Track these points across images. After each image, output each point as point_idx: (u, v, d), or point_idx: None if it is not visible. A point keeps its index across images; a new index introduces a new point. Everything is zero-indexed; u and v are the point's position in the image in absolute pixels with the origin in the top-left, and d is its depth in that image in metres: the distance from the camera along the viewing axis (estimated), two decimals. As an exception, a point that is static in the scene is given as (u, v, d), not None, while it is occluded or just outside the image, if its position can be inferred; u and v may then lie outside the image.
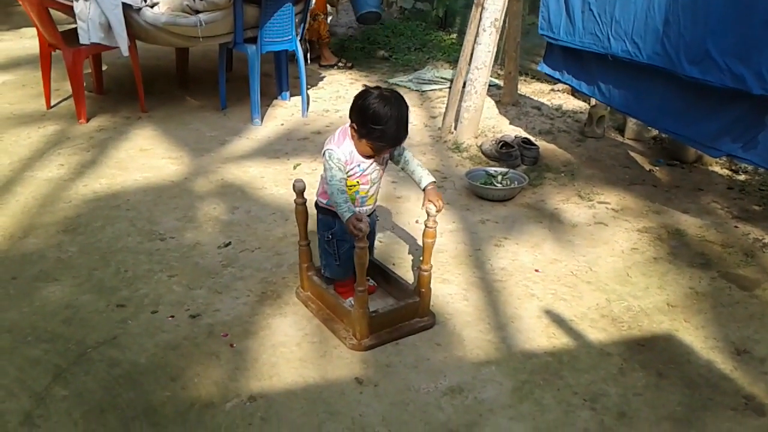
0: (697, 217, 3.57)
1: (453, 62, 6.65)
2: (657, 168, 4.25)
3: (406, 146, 2.49)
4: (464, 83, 4.48)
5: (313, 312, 2.67)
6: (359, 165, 2.44)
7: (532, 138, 4.46)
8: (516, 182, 3.81)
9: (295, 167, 4.15)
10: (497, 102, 5.32)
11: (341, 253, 2.61)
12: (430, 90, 5.79)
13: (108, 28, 4.42)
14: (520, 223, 3.48)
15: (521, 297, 2.83)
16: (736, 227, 3.46)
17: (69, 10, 4.56)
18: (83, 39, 4.45)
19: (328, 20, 6.55)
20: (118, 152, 4.27)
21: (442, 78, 6.10)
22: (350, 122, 2.39)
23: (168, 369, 2.36)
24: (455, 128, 4.58)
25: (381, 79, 6.18)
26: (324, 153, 2.42)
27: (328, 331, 2.57)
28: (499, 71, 6.06)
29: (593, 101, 5.10)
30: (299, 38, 4.99)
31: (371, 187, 2.51)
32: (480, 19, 4.23)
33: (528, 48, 5.83)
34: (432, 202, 2.40)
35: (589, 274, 3.01)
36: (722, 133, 3.04)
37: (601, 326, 2.64)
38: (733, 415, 2.18)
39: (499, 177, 3.83)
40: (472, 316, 2.69)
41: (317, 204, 2.61)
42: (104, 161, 4.13)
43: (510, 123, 4.92)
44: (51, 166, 4.02)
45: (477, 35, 4.28)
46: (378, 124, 2.28)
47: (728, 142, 3.02)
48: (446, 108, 4.68)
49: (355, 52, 6.98)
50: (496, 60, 6.61)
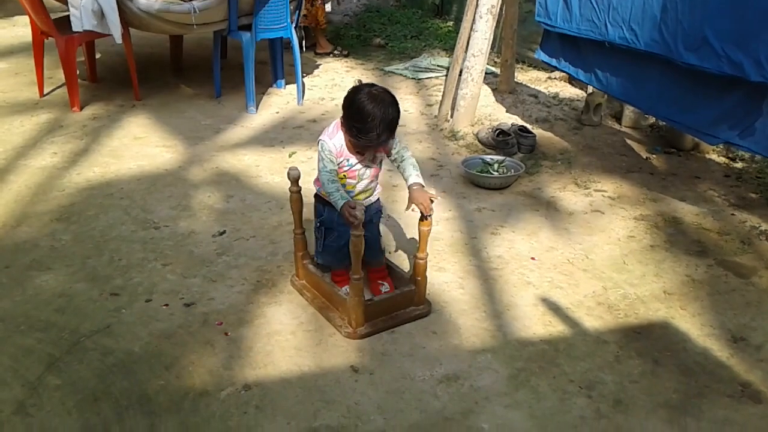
0: (694, 205, 3.55)
1: (449, 50, 6.61)
2: (654, 156, 4.24)
3: (405, 140, 2.44)
4: (461, 71, 4.44)
5: (309, 300, 2.66)
6: (348, 159, 2.43)
7: (529, 126, 4.43)
8: (512, 170, 3.79)
9: (291, 155, 4.12)
10: (494, 90, 5.30)
11: (326, 242, 2.62)
12: (427, 78, 5.76)
13: (101, 16, 4.38)
14: (517, 212, 3.47)
15: (517, 285, 2.82)
16: (733, 215, 3.45)
17: (61, -3, 4.52)
18: (76, 26, 4.40)
19: (327, 7, 6.48)
20: (112, 140, 4.24)
21: (439, 66, 6.06)
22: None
23: (162, 358, 2.35)
24: (451, 116, 4.55)
25: (377, 67, 6.14)
26: (318, 142, 2.40)
27: (324, 320, 2.56)
28: (496, 59, 6.03)
29: (590, 89, 5.08)
30: (294, 25, 4.95)
31: (358, 183, 2.48)
32: (477, 6, 4.20)
33: (525, 36, 5.79)
34: (415, 205, 2.36)
35: (586, 262, 3.00)
36: (720, 121, 3.02)
37: (598, 314, 2.64)
38: (730, 402, 2.18)
39: (496, 165, 3.81)
40: (468, 305, 2.68)
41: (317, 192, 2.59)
42: (98, 149, 4.10)
43: (506, 111, 4.90)
44: (44, 155, 3.99)
45: (473, 22, 4.24)
46: (360, 122, 2.24)
47: (726, 130, 3.01)
48: (442, 96, 4.65)
49: (351, 40, 6.94)
50: (493, 47, 6.58)
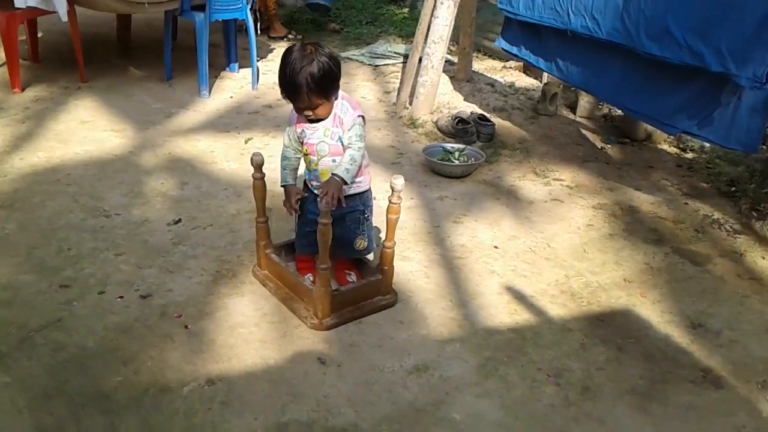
0: (649, 194, 3.62)
1: (405, 37, 6.57)
2: (608, 146, 4.29)
3: (359, 141, 2.30)
4: (420, 58, 4.40)
5: (272, 291, 2.59)
6: (303, 129, 2.37)
7: (488, 115, 4.43)
8: (473, 159, 3.78)
9: (247, 142, 4.01)
10: (451, 78, 5.28)
11: (297, 225, 2.58)
12: (383, 64, 5.70)
13: (45, -8, 4.16)
14: (478, 200, 3.46)
15: (482, 274, 2.81)
16: (687, 204, 3.53)
17: (1, -28, 4.27)
18: (18, 2, 4.17)
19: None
20: (57, 124, 4.04)
21: (395, 53, 6.00)
22: None
23: (119, 352, 2.24)
24: (410, 104, 4.51)
25: (332, 53, 6.03)
26: None
27: (288, 311, 2.49)
28: (452, 47, 6.01)
29: (546, 78, 5.13)
30: (250, 7, 4.81)
31: (319, 161, 2.38)
32: (436, -8, 4.16)
33: (479, 24, 5.77)
34: (321, 195, 2.23)
35: (548, 251, 3.01)
36: (679, 111, 3.06)
37: (561, 302, 2.65)
38: (692, 388, 2.22)
39: (457, 153, 3.79)
40: (434, 294, 2.65)
41: None
42: (42, 133, 3.90)
43: (464, 99, 4.89)
44: (-17, 138, 3.78)
45: (434, 8, 4.20)
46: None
47: (684, 120, 3.05)
48: (401, 83, 4.61)
49: (306, 25, 6.82)
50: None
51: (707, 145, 4.32)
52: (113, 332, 2.34)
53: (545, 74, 5.40)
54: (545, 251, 3.01)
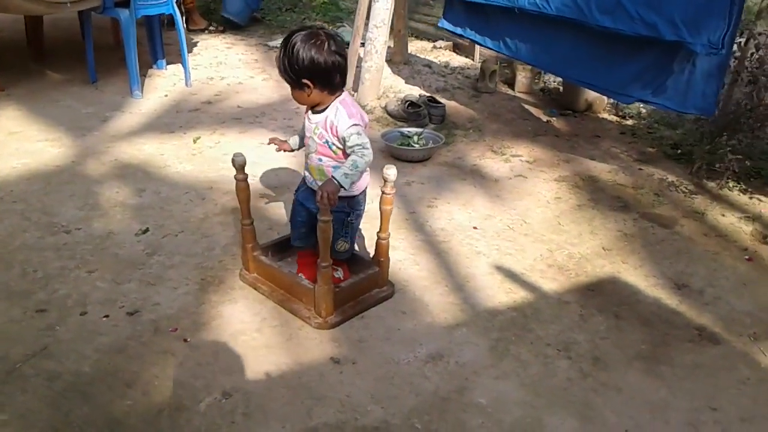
0: (604, 163, 3.74)
1: (332, 22, 6.50)
2: (553, 118, 4.41)
3: (362, 149, 2.21)
4: (362, 43, 4.35)
5: (266, 294, 2.50)
6: (306, 117, 2.32)
7: (437, 96, 4.44)
8: (432, 142, 3.79)
9: (196, 141, 3.85)
10: (388, 61, 5.23)
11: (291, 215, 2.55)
12: (315, 52, 5.58)
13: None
14: (446, 182, 3.47)
15: (469, 255, 2.82)
16: (641, 169, 3.68)
17: None
18: None
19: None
20: (-16, 137, 3.74)
21: (324, 39, 5.90)
22: None
23: (120, 375, 2.11)
24: (356, 90, 4.46)
25: (260, 42, 5.90)
26: None
27: (287, 313, 2.42)
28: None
29: (478, 56, 5.21)
30: (175, 0, 4.60)
31: (309, 154, 2.33)
32: (377, -24, 4.11)
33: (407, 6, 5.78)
34: (320, 196, 2.13)
35: (525, 227, 3.07)
36: (633, 80, 3.18)
37: (551, 276, 2.71)
38: (692, 347, 2.32)
39: (415, 137, 3.78)
40: (428, 280, 2.65)
41: None
42: (-31, 149, 3.60)
43: (405, 82, 4.88)
44: None
45: (374, -8, 4.16)
46: None
47: (638, 89, 3.17)
48: (345, 69, 4.53)
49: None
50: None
51: (644, 111, 4.52)
52: (107, 354, 2.20)
53: (478, 52, 5.49)
54: (523, 228, 3.06)
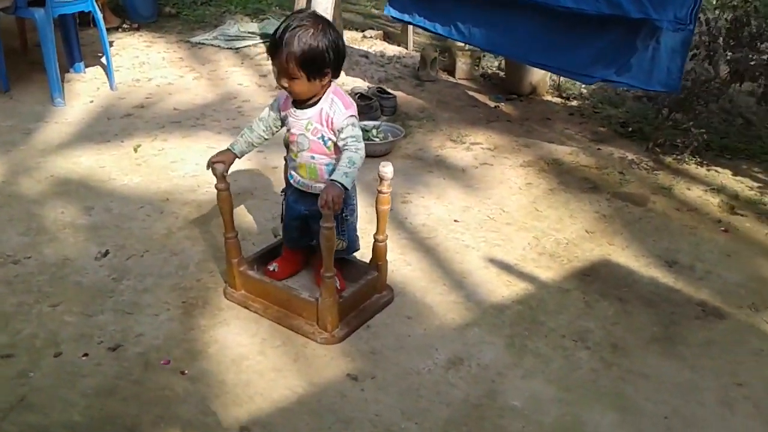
0: (562, 145, 3.75)
1: (252, 14, 6.24)
2: (500, 104, 4.38)
3: (355, 142, 2.08)
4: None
5: (259, 312, 2.32)
6: (287, 115, 2.17)
7: (385, 87, 4.32)
8: (391, 134, 3.67)
9: (136, 149, 3.56)
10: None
11: (281, 217, 2.42)
12: (244, 46, 5.33)
13: None
14: (413, 176, 3.37)
15: (458, 250, 2.74)
16: (599, 149, 3.71)
17: None
18: None
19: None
20: None
21: (249, 32, 5.65)
22: None
23: (119, 420, 1.89)
24: (299, 85, 4.27)
25: (180, 39, 5.55)
26: None
27: (287, 330, 2.25)
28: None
29: (411, 45, 5.12)
30: (95, -3, 4.24)
31: (299, 153, 2.18)
32: (316, -36, 3.92)
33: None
34: (323, 201, 1.98)
35: (505, 216, 3.01)
36: (595, 60, 3.17)
37: (545, 264, 2.66)
38: (701, 324, 2.33)
39: (374, 131, 3.65)
40: (425, 280, 2.54)
41: None
42: None
43: (346, 75, 4.72)
44: None
45: (315, -19, 3.97)
46: None
47: (601, 69, 3.17)
48: (286, 64, 4.32)
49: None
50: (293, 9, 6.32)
51: (585, 91, 4.58)
52: (97, 398, 1.96)
53: (411, 40, 5.40)
54: (503, 217, 3.00)
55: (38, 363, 2.08)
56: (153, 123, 3.93)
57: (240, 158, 2.28)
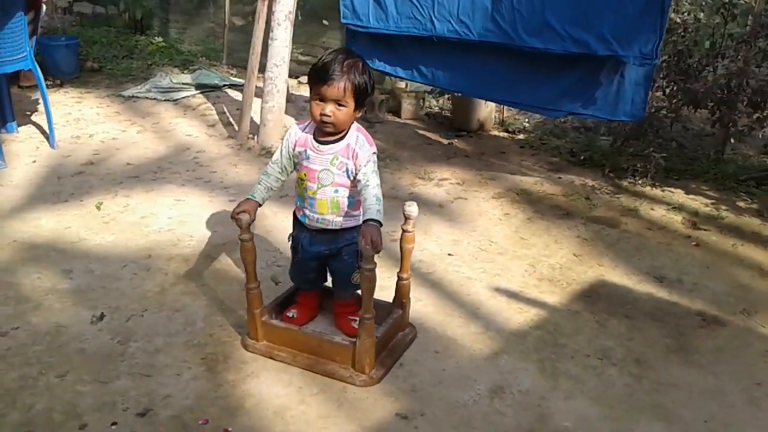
0: (525, 176, 3.91)
1: (181, 65, 6.14)
2: (453, 141, 4.52)
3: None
4: (255, 85, 4.15)
5: (287, 361, 2.25)
6: (306, 151, 2.15)
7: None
8: (362, 175, 3.69)
9: (99, 207, 3.39)
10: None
11: (293, 261, 2.38)
12: (182, 98, 5.23)
13: None
14: (393, 214, 3.35)
15: (462, 283, 2.78)
16: (560, 178, 3.90)
17: None
18: None
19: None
20: None
21: (184, 83, 5.55)
22: None
23: (173, 489, 1.77)
24: (255, 133, 4.24)
25: (111, 93, 5.37)
26: None
27: (321, 377, 2.20)
28: (231, 70, 5.79)
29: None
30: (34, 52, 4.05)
31: (318, 189, 2.16)
32: (272, 13, 3.95)
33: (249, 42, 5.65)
34: (365, 242, 1.97)
35: (495, 246, 3.10)
36: (562, 96, 3.36)
37: (547, 289, 2.75)
38: (707, 332, 2.48)
39: (346, 173, 3.66)
40: (440, 314, 2.56)
41: None
42: None
43: (297, 121, 4.72)
44: None
45: (271, 30, 3.98)
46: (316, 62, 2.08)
47: (568, 103, 3.36)
48: (242, 112, 4.29)
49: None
50: (220, 59, 6.29)
51: (527, 125, 4.81)
52: (142, 469, 1.83)
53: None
54: (493, 247, 3.08)
55: (65, 439, 1.92)
56: (109, 179, 3.76)
57: (261, 205, 2.23)
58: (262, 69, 4.17)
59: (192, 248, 3.01)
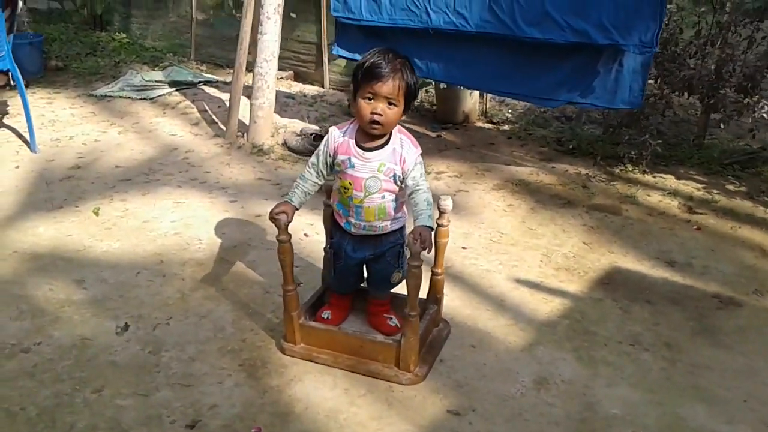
0: (520, 167, 3.96)
1: (150, 62, 5.99)
2: (441, 133, 4.54)
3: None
4: (243, 82, 4.08)
5: (329, 363, 2.24)
6: (350, 158, 2.10)
7: (316, 126, 4.32)
8: (363, 171, 3.67)
9: (97, 213, 3.29)
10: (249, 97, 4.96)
11: (335, 267, 2.32)
12: (159, 96, 5.09)
13: None
14: (401, 209, 3.39)
15: (482, 275, 2.81)
16: (554, 167, 3.96)
17: None
18: None
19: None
20: None
21: (156, 81, 5.41)
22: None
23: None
24: (244, 131, 4.17)
25: (81, 93, 5.20)
26: None
27: (365, 377, 2.19)
28: (200, 66, 5.73)
29: (328, 81, 5.18)
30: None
31: (366, 197, 2.12)
32: (260, 7, 3.87)
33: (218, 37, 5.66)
34: (414, 238, 1.97)
35: (506, 237, 3.13)
36: (560, 85, 3.40)
37: (566, 278, 2.80)
38: (727, 313, 2.57)
39: (347, 169, 3.64)
40: (468, 308, 2.58)
41: None
42: None
43: (281, 116, 4.66)
44: None
45: (260, 24, 3.91)
46: (362, 60, 2.02)
47: (566, 92, 3.41)
48: (230, 110, 4.20)
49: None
50: (189, 56, 6.15)
51: (510, 116, 4.87)
52: (204, 483, 1.80)
53: (327, 79, 5.45)
54: (504, 239, 3.12)
55: (116, 456, 1.87)
56: (100, 183, 3.65)
57: (299, 209, 2.20)
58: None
59: (204, 252, 2.95)
